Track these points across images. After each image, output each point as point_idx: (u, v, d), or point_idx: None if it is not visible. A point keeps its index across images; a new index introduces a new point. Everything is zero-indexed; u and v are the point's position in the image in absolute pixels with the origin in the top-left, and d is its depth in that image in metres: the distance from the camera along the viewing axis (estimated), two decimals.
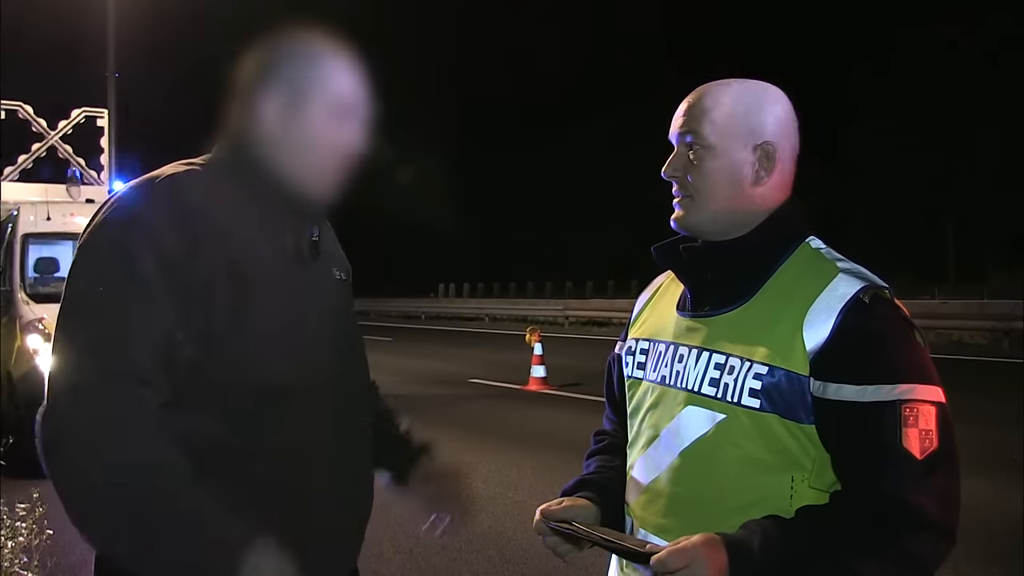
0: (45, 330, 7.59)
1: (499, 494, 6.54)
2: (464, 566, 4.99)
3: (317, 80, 1.52)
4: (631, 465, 1.57)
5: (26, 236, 8.65)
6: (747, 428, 1.38)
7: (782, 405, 1.36)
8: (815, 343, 1.35)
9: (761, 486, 1.38)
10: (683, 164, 1.50)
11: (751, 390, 1.37)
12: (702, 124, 1.48)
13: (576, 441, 8.95)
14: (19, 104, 12.49)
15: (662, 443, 1.48)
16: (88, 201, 9.85)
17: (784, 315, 1.39)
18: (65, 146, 12.57)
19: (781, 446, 1.37)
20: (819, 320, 1.36)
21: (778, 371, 1.36)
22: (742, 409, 1.38)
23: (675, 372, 1.49)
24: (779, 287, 1.44)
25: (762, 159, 1.48)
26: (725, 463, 1.40)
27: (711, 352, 1.44)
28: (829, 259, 1.46)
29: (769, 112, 1.50)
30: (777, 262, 1.46)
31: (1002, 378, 12.14)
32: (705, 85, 1.54)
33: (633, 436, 1.58)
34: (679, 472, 1.45)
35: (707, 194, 1.48)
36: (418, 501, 1.77)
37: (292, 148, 1.51)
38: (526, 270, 38.99)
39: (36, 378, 7.39)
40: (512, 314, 27.75)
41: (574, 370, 13.08)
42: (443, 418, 9.76)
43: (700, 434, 1.42)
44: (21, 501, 5.11)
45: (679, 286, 1.60)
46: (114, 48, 16.33)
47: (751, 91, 1.51)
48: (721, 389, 1.41)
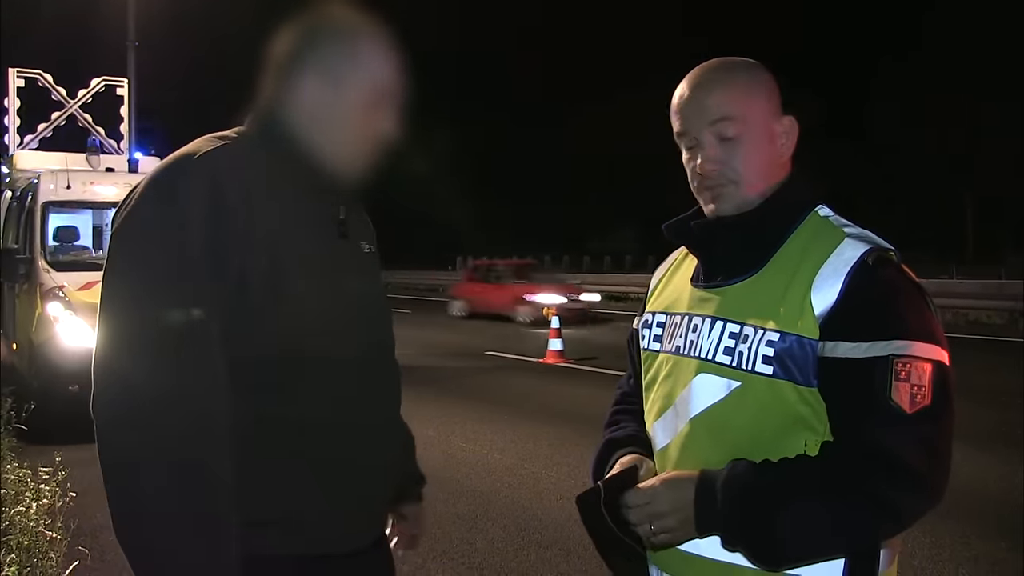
0: (65, 298, 7.65)
1: (515, 465, 6.59)
2: (480, 534, 5.04)
3: (357, 62, 1.51)
4: (649, 431, 1.58)
5: (46, 204, 8.68)
6: (761, 394, 1.39)
7: (794, 370, 1.37)
8: (823, 307, 1.36)
9: (774, 450, 1.38)
10: (718, 154, 1.47)
11: (764, 357, 1.38)
12: (731, 107, 1.46)
13: (592, 414, 9.02)
14: (39, 72, 12.51)
15: (675, 410, 1.49)
16: (108, 170, 9.87)
17: (793, 282, 1.40)
18: (85, 115, 12.60)
19: (794, 411, 1.38)
20: (826, 284, 1.37)
21: (789, 337, 1.37)
22: (756, 376, 1.39)
23: (689, 341, 1.50)
24: (789, 255, 1.44)
25: (788, 132, 1.50)
26: (738, 428, 1.41)
27: (725, 321, 1.45)
28: (836, 225, 1.46)
29: (771, 86, 1.51)
30: (788, 231, 1.47)
31: (1018, 358, 12.06)
32: (700, 72, 1.52)
33: (648, 406, 1.59)
34: (691, 437, 1.46)
35: (751, 175, 1.47)
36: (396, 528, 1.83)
37: (327, 127, 1.51)
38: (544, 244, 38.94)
39: (57, 345, 7.49)
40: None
41: (591, 344, 13.11)
42: (460, 390, 9.82)
43: (714, 401, 1.43)
44: (44, 465, 5.20)
45: (694, 259, 1.61)
46: (135, 17, 16.32)
47: (749, 68, 1.52)
48: (736, 357, 1.42)
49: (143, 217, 1.40)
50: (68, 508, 4.79)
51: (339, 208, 1.56)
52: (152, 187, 1.42)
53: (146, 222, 1.39)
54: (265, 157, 1.49)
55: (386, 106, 1.55)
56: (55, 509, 4.66)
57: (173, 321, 1.34)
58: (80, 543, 4.46)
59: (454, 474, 6.31)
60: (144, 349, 1.34)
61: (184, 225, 1.36)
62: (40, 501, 4.68)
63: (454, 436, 7.52)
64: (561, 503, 5.55)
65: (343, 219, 1.56)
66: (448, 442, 7.28)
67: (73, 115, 12.53)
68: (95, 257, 8.75)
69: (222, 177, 1.41)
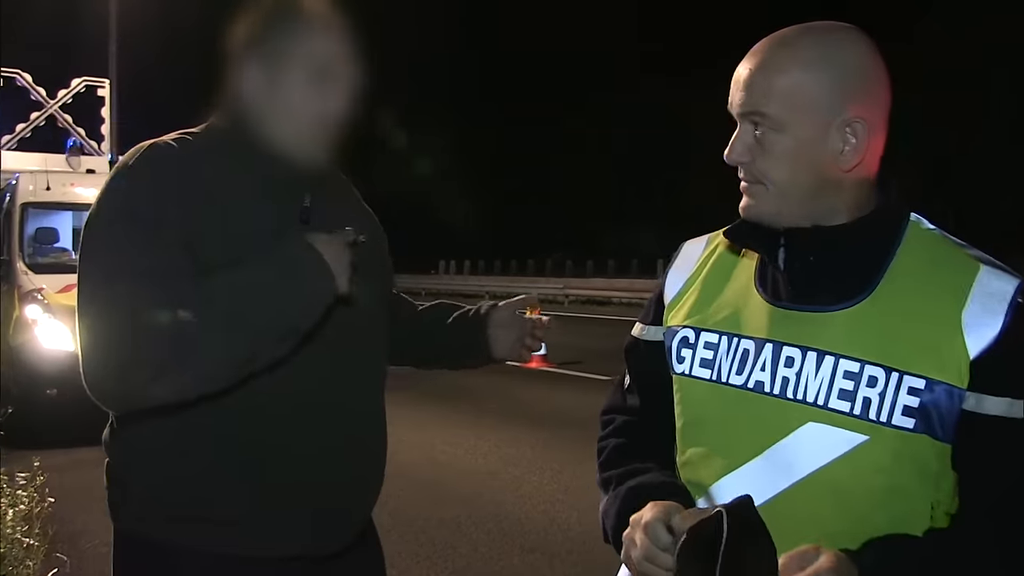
0: (44, 300, 7.57)
1: (499, 469, 6.56)
2: (464, 539, 5.02)
3: (295, 45, 1.50)
4: (701, 485, 1.30)
5: (25, 205, 8.59)
6: (895, 451, 1.16)
7: (936, 424, 1.15)
8: (978, 350, 1.14)
9: (902, 516, 1.17)
10: (748, 147, 1.24)
11: (906, 408, 1.15)
12: (767, 102, 1.21)
13: (575, 418, 8.99)
14: (17, 72, 12.38)
15: (769, 463, 1.23)
16: (88, 171, 9.78)
17: (931, 315, 1.17)
18: (65, 115, 12.48)
19: (928, 471, 1.17)
20: (980, 323, 1.15)
21: (938, 385, 1.14)
22: (891, 430, 1.16)
23: (782, 378, 1.23)
24: (904, 277, 1.21)
25: (848, 137, 1.20)
26: (864, 491, 1.18)
27: (837, 357, 1.19)
28: (954, 244, 1.25)
29: (851, 73, 1.20)
30: (892, 246, 1.23)
31: None
32: (765, 43, 1.25)
33: (703, 452, 1.30)
34: (805, 501, 1.20)
35: (782, 182, 1.22)
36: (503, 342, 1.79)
37: (275, 117, 1.51)
38: (528, 248, 38.96)
39: (35, 348, 7.40)
40: (512, 292, 27.32)
41: (574, 348, 13.09)
42: (443, 393, 9.78)
43: (832, 457, 1.18)
44: (21, 470, 5.13)
45: (744, 260, 1.35)
46: (116, 17, 16.18)
47: (825, 48, 1.21)
48: (860, 405, 1.17)
49: (108, 198, 1.45)
50: (46, 514, 4.73)
51: (303, 195, 1.55)
52: (115, 173, 1.49)
53: (108, 209, 1.44)
54: (227, 148, 1.52)
55: (331, 83, 1.52)
56: (32, 515, 4.59)
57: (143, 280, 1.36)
58: (58, 549, 4.41)
59: (437, 478, 6.28)
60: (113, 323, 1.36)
61: (147, 203, 1.41)
62: (17, 507, 4.62)
63: (436, 440, 7.49)
64: (544, 507, 5.54)
65: (307, 206, 1.55)
66: (431, 446, 7.25)
67: (53, 116, 12.41)
68: (75, 259, 8.63)
69: (181, 164, 1.45)
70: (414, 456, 6.67)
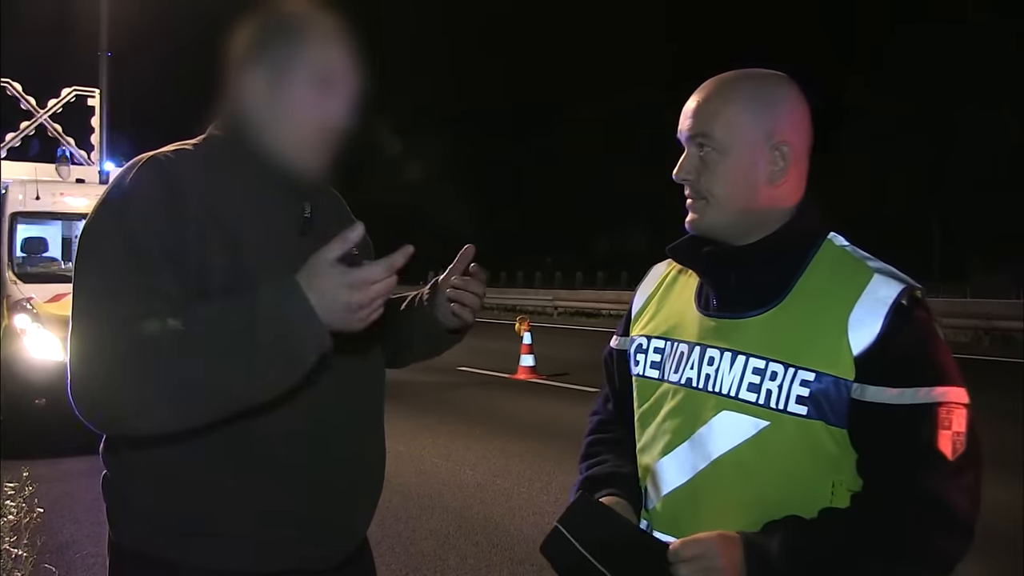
0: (33, 310, 7.55)
1: (487, 481, 6.57)
2: (452, 551, 5.03)
3: (297, 53, 1.50)
4: (648, 468, 1.52)
5: (14, 215, 8.57)
6: (792, 435, 1.36)
7: (828, 411, 1.34)
8: (860, 348, 1.33)
9: (802, 492, 1.36)
10: (694, 166, 1.46)
11: (799, 397, 1.35)
12: (713, 126, 1.43)
13: (564, 429, 8.95)
14: (7, 81, 12.34)
15: (692, 447, 1.44)
16: (78, 181, 9.76)
17: (824, 318, 1.37)
18: (55, 125, 12.44)
19: (825, 452, 1.36)
20: (863, 324, 1.34)
21: (826, 377, 1.34)
22: (788, 416, 1.36)
23: (704, 375, 1.45)
24: (811, 288, 1.41)
25: (777, 159, 1.43)
26: (766, 470, 1.38)
27: (748, 356, 1.41)
28: (858, 258, 1.44)
29: (782, 108, 1.45)
30: (804, 261, 1.44)
31: (983, 376, 12.23)
32: (712, 81, 1.48)
33: (649, 438, 1.53)
34: (713, 478, 1.42)
35: (722, 197, 1.44)
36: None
37: (276, 125, 1.51)
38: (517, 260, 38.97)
39: (24, 358, 7.37)
40: (501, 303, 27.72)
41: (562, 360, 13.12)
42: (431, 405, 9.79)
43: (740, 440, 1.39)
44: (10, 480, 5.11)
45: (689, 278, 1.57)
46: (107, 26, 16.17)
47: (761, 87, 1.45)
48: (763, 395, 1.38)
49: (101, 217, 1.44)
50: (35, 524, 4.72)
51: (304, 205, 1.55)
52: (110, 189, 1.46)
53: (104, 222, 1.43)
54: (228, 158, 1.51)
55: (334, 92, 1.52)
56: (21, 526, 4.59)
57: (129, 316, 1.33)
58: (47, 560, 4.40)
59: (426, 490, 6.28)
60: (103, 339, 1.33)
61: (140, 225, 1.39)
62: (5, 518, 4.61)
63: (426, 452, 7.50)
64: (534, 519, 5.56)
65: (308, 216, 1.55)
66: (420, 458, 7.26)
67: (43, 125, 12.38)
68: (64, 269, 8.64)
69: (179, 178, 1.44)
70: (403, 468, 6.68)
